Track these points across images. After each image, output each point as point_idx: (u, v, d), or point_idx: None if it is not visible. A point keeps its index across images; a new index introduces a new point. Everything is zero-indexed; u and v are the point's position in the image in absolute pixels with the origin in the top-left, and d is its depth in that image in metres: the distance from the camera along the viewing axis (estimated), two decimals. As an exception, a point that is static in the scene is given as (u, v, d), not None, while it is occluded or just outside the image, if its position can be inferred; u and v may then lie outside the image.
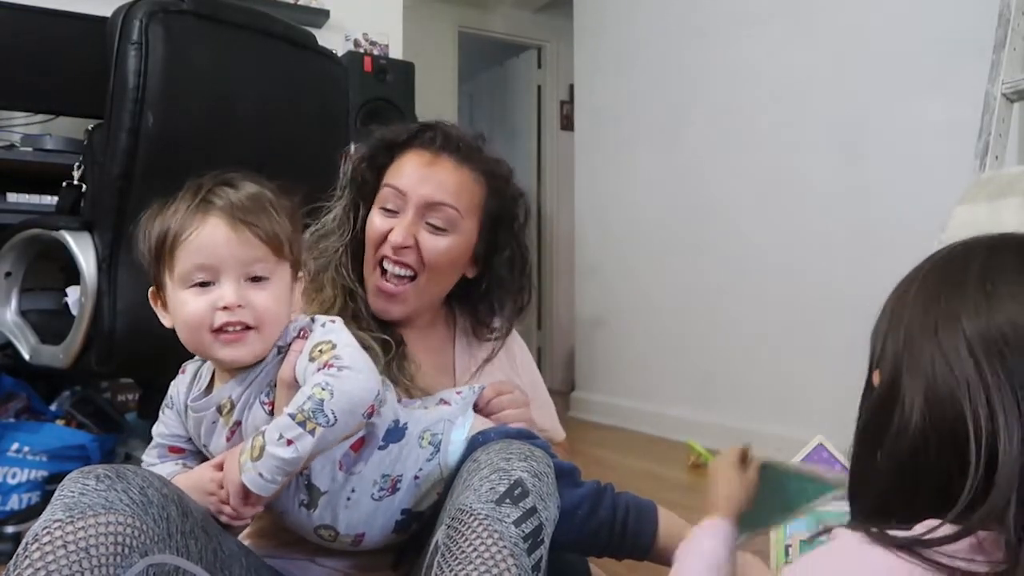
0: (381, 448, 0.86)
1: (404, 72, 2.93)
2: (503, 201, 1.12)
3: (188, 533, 0.74)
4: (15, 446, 1.75)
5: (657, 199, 3.35)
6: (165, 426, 0.91)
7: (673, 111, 3.27)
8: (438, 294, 1.13)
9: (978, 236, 0.63)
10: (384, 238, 1.06)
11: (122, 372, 1.96)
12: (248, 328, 0.79)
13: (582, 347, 3.87)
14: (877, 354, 0.64)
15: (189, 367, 0.90)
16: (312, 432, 0.73)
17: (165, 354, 0.88)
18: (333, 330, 0.82)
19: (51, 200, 1.96)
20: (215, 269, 0.79)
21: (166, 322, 0.84)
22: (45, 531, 0.66)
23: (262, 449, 0.74)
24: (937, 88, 2.26)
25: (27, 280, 1.72)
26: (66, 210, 1.67)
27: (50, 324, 1.65)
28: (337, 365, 0.76)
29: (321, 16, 3.00)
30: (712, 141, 3.07)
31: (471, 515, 0.74)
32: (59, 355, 1.55)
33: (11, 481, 1.72)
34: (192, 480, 0.83)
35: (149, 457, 0.92)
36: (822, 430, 1.21)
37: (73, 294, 1.54)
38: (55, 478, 1.77)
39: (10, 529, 1.59)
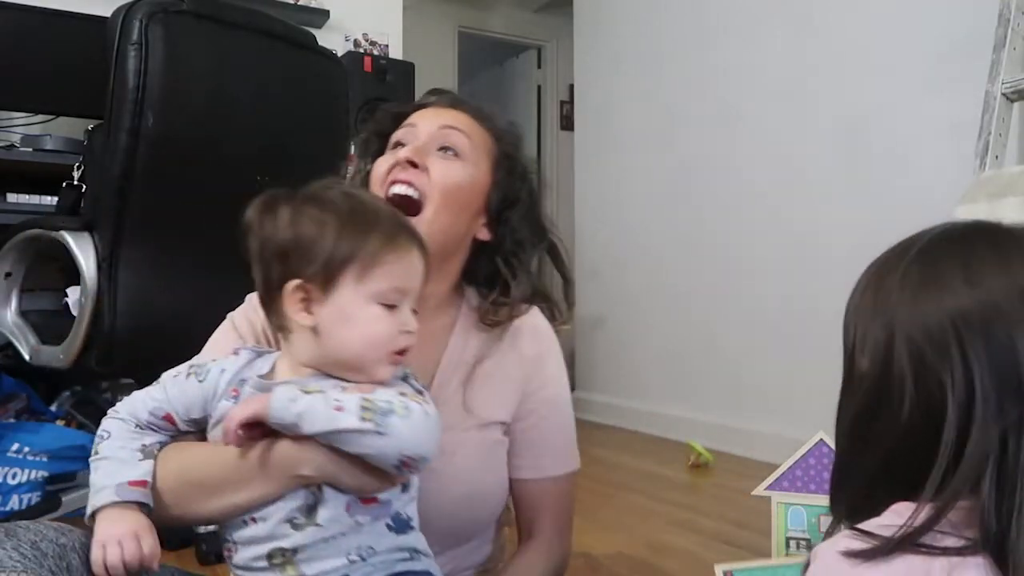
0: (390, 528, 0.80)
1: (404, 72, 2.94)
2: (513, 162, 1.06)
3: None
4: (15, 446, 1.75)
5: (657, 199, 3.35)
6: (181, 392, 0.82)
7: (673, 111, 3.27)
8: (452, 233, 0.98)
9: (951, 225, 0.66)
10: (391, 170, 0.96)
11: (122, 372, 1.96)
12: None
13: (582, 347, 3.87)
14: (858, 343, 0.65)
15: (243, 352, 0.84)
16: (363, 420, 0.71)
17: (165, 354, 0.89)
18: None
19: (51, 200, 1.96)
20: (405, 294, 0.80)
21: (307, 322, 0.78)
22: None
23: (316, 392, 0.73)
24: (937, 88, 2.26)
25: (27, 280, 1.72)
26: (66, 210, 1.68)
27: (50, 324, 1.65)
28: (426, 408, 0.75)
29: (321, 16, 3.01)
30: (712, 141, 3.07)
31: None
32: (59, 355, 1.55)
33: (11, 481, 1.72)
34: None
35: (132, 414, 0.82)
36: (822, 430, 1.21)
37: (73, 294, 1.54)
38: (56, 478, 1.77)
39: (10, 529, 1.59)
